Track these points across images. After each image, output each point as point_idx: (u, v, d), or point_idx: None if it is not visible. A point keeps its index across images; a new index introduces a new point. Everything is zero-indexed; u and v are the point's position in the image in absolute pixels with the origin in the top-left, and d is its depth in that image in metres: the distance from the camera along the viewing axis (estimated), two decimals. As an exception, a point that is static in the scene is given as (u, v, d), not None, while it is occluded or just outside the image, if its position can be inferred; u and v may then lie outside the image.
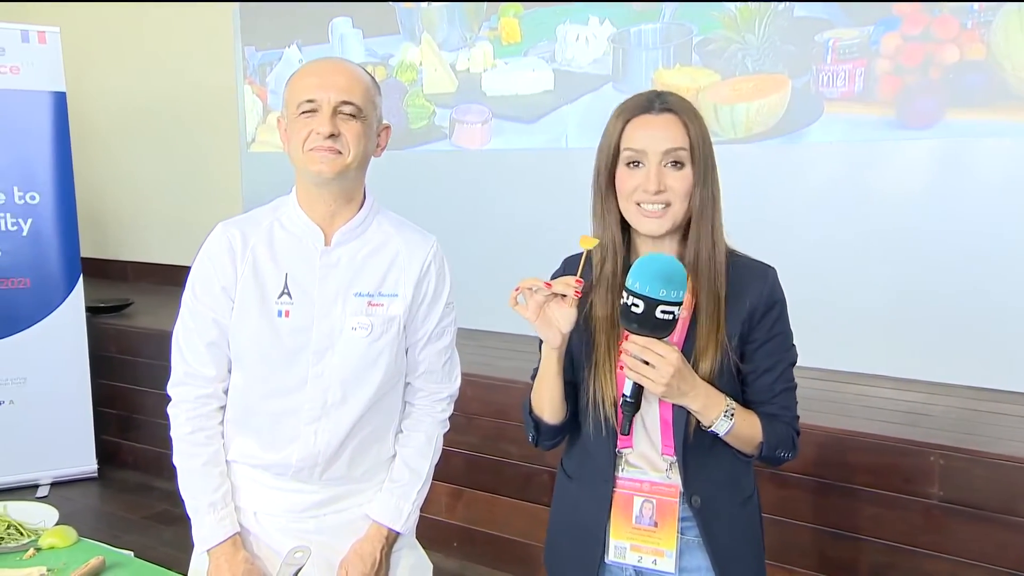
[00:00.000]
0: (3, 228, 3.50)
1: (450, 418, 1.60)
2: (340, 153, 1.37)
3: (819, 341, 2.56)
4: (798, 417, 1.34)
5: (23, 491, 3.46)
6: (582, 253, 1.26)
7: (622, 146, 1.28)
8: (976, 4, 2.74)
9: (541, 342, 1.30)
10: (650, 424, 1.31)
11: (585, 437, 1.36)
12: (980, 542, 2.15)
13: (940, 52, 2.82)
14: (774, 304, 1.30)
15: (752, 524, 1.39)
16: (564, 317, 1.23)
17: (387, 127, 1.48)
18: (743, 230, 1.37)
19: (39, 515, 1.67)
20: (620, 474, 1.33)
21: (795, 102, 3.08)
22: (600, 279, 1.31)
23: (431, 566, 1.64)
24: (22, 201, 3.54)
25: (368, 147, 1.42)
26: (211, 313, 1.44)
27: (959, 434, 2.33)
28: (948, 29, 2.80)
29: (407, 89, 3.99)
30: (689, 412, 1.26)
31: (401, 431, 1.56)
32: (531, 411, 1.37)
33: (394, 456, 1.55)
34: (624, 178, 1.27)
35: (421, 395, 1.55)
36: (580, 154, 3.56)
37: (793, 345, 1.34)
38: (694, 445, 1.29)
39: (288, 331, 1.42)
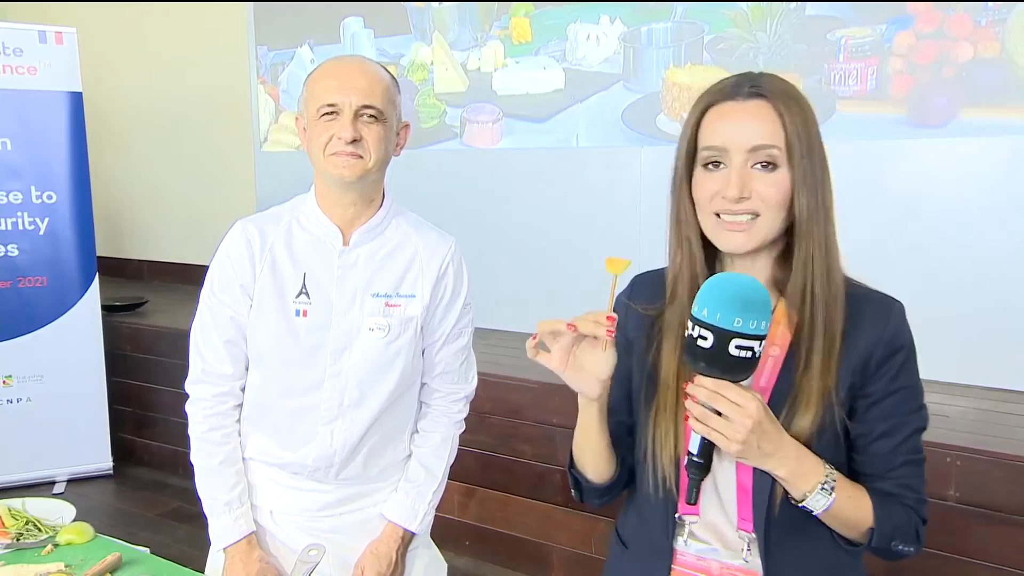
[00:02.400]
0: (21, 227, 3.54)
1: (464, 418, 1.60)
2: (361, 157, 1.37)
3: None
4: (925, 501, 1.03)
5: (39, 488, 3.49)
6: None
7: (700, 143, 1.01)
8: (991, 3, 2.72)
9: None
10: (724, 488, 1.04)
11: (642, 497, 1.11)
12: (998, 544, 2.13)
13: (954, 50, 2.80)
14: (898, 349, 1.01)
15: None
16: (600, 362, 0.98)
17: (406, 125, 1.47)
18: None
19: (56, 511, 1.68)
20: (681, 547, 1.06)
21: (807, 101, 3.07)
22: (673, 307, 1.05)
23: (446, 565, 1.64)
24: (39, 200, 3.57)
25: (388, 149, 1.42)
26: (229, 311, 1.44)
27: (976, 435, 2.30)
28: (962, 27, 2.78)
29: (418, 89, 3.99)
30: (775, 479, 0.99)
31: (417, 431, 1.56)
32: (572, 465, 1.14)
33: (409, 456, 1.55)
34: (701, 182, 1.01)
35: (437, 396, 1.55)
36: (591, 153, 3.57)
37: (923, 405, 1.04)
38: (781, 522, 1.01)
39: (305, 330, 1.42)
